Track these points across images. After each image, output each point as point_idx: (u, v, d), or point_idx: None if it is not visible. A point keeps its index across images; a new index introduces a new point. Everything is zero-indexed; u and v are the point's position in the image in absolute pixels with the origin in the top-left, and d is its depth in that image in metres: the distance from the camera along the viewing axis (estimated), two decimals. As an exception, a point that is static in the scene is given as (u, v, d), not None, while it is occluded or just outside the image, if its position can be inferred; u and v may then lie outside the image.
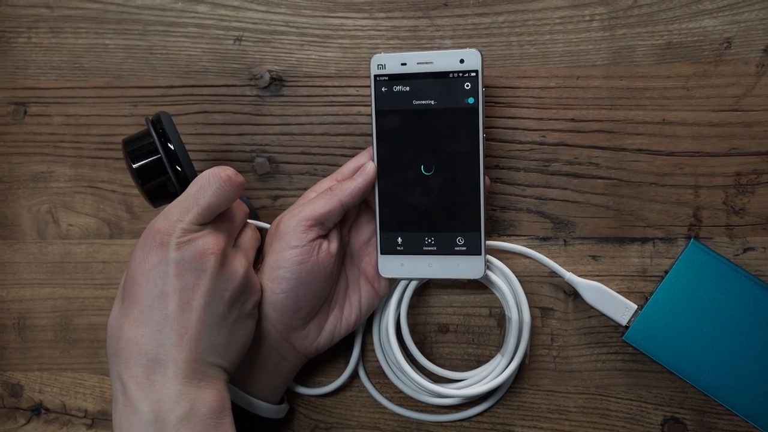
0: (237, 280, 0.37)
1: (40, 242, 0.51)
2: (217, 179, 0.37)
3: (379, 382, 0.49)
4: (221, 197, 0.37)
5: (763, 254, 0.45)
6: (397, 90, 0.42)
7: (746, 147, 0.45)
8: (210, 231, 0.37)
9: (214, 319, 0.36)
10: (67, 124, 0.50)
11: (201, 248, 0.35)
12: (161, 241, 0.35)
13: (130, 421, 0.33)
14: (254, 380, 0.42)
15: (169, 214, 0.36)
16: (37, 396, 0.51)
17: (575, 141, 0.46)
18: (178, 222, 0.36)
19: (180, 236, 0.35)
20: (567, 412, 0.47)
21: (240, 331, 0.38)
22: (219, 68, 0.48)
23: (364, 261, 0.45)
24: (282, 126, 0.48)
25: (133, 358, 0.34)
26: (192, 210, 0.36)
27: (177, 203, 0.37)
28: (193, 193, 0.37)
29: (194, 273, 0.35)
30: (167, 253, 0.35)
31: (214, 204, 0.37)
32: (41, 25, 0.50)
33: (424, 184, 0.42)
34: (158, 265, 0.35)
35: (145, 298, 0.35)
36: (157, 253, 0.35)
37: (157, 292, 0.35)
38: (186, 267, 0.35)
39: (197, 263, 0.35)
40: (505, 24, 0.46)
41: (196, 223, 0.36)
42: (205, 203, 0.36)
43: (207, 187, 0.37)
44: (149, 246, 0.35)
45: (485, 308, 0.48)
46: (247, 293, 0.38)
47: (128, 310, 0.35)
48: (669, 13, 0.45)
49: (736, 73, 0.45)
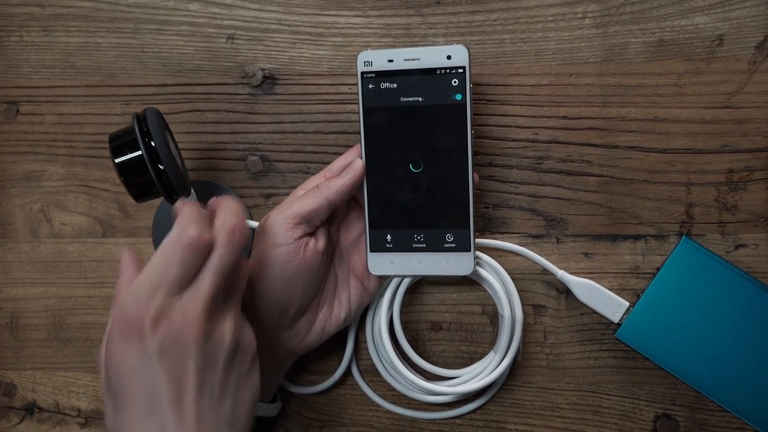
0: (226, 343, 0.33)
1: (33, 241, 0.51)
2: (179, 246, 0.32)
3: (372, 380, 0.49)
4: (188, 265, 0.33)
5: (754, 251, 0.45)
6: (384, 87, 0.42)
7: (738, 144, 0.45)
8: (187, 296, 0.33)
9: (214, 394, 0.33)
10: (59, 122, 0.50)
11: (179, 323, 0.32)
12: (137, 331, 0.32)
13: None
14: None
15: (137, 294, 0.32)
16: (30, 395, 0.51)
17: (568, 138, 0.46)
18: (149, 302, 0.32)
19: (154, 317, 0.32)
20: (559, 409, 0.47)
21: (245, 390, 0.35)
22: (211, 66, 0.48)
23: (354, 258, 0.45)
24: (275, 124, 0.48)
25: None
26: (161, 286, 0.32)
27: (144, 279, 0.32)
28: (159, 265, 0.33)
29: (179, 355, 0.32)
30: (144, 343, 0.31)
31: (183, 274, 0.33)
32: (33, 24, 0.50)
33: (413, 182, 0.42)
34: (141, 362, 0.32)
35: (136, 400, 0.32)
36: (136, 346, 0.32)
37: (148, 391, 0.32)
38: (169, 352, 0.32)
39: (180, 341, 0.32)
40: (498, 21, 0.46)
41: (170, 296, 0.32)
42: (174, 275, 0.32)
43: (172, 256, 0.32)
44: (125, 340, 0.32)
45: (478, 306, 0.48)
46: (242, 350, 0.35)
47: (123, 414, 0.32)
48: (661, 11, 0.45)
49: (728, 70, 0.45)
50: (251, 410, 0.35)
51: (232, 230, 0.34)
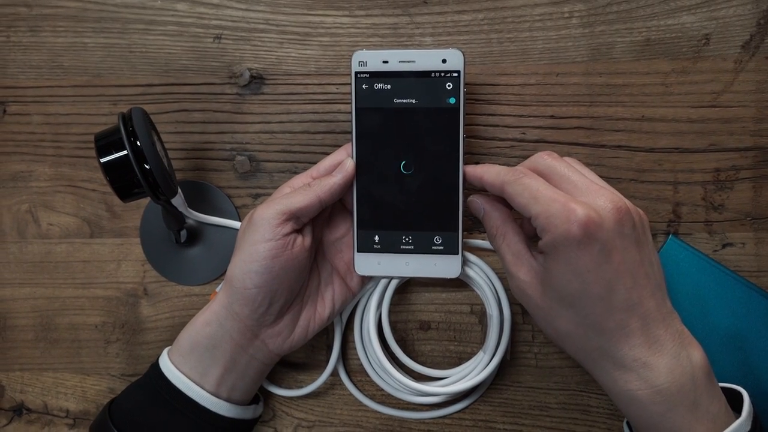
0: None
1: (20, 242, 0.50)
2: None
3: (361, 380, 0.49)
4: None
5: (741, 250, 0.45)
6: (378, 88, 0.42)
7: (725, 143, 0.45)
8: None
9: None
10: (46, 123, 0.50)
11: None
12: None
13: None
14: (222, 381, 0.41)
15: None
16: (18, 396, 0.51)
17: (555, 138, 0.46)
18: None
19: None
20: (548, 408, 0.47)
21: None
22: (199, 66, 0.48)
23: (337, 258, 0.45)
24: (262, 124, 0.48)
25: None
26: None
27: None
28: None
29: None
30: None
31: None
32: (20, 24, 0.49)
33: (403, 183, 0.42)
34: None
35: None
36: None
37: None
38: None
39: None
40: (485, 21, 0.46)
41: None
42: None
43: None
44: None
45: (466, 305, 0.48)
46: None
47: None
48: (647, 10, 0.45)
49: (714, 69, 0.45)
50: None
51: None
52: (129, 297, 0.50)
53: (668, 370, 0.34)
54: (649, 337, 0.35)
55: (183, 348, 0.42)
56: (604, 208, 0.35)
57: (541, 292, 0.37)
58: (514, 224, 0.40)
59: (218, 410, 0.41)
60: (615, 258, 0.34)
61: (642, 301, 0.35)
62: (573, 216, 0.34)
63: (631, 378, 0.35)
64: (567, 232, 0.34)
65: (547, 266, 0.36)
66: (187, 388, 0.41)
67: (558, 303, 0.36)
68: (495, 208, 0.41)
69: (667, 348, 0.35)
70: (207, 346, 0.41)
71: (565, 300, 0.36)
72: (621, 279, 0.35)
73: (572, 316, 0.36)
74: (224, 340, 0.41)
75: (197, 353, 0.41)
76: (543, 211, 0.35)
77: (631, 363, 0.35)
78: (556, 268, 0.36)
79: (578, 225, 0.34)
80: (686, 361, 0.35)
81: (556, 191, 0.36)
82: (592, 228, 0.34)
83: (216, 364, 0.41)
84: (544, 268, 0.37)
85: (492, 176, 0.39)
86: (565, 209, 0.34)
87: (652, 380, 0.34)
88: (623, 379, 0.35)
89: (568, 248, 0.34)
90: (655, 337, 0.35)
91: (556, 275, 0.36)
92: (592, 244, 0.34)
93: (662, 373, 0.34)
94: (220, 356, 0.41)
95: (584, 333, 0.36)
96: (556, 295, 0.36)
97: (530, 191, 0.36)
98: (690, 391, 0.34)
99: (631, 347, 0.35)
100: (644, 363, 0.34)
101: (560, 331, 0.37)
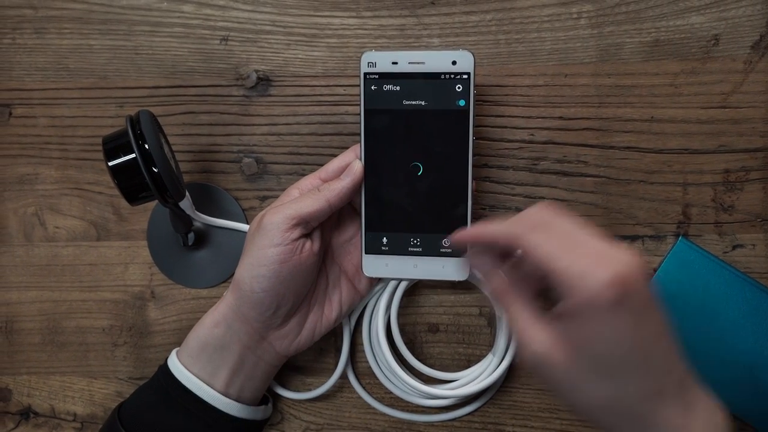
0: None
1: (27, 245, 0.50)
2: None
3: (369, 383, 0.48)
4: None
5: (752, 251, 0.45)
6: (387, 89, 0.42)
7: (734, 144, 0.45)
8: None
9: None
10: (52, 125, 0.50)
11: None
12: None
13: None
14: (231, 382, 0.41)
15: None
16: (25, 400, 0.51)
17: (564, 139, 0.46)
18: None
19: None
20: (558, 410, 0.47)
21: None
22: (205, 68, 0.48)
23: (345, 260, 0.45)
24: (269, 126, 0.48)
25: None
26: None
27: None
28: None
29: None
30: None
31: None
32: (25, 26, 0.49)
33: (412, 185, 0.42)
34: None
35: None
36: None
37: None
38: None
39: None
40: (493, 22, 0.46)
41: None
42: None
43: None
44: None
45: (475, 307, 0.47)
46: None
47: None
48: (656, 10, 0.45)
49: (723, 70, 0.45)
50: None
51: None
52: (136, 300, 0.50)
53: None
54: (684, 401, 0.32)
55: (192, 349, 0.42)
56: (632, 262, 0.30)
57: (567, 363, 0.32)
58: (530, 284, 0.35)
59: (229, 410, 0.41)
60: (651, 317, 0.31)
61: (676, 362, 0.32)
62: (605, 275, 0.30)
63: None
64: (599, 294, 0.30)
65: (573, 334, 0.32)
66: (198, 389, 0.41)
67: (593, 373, 0.32)
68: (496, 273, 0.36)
69: (700, 412, 0.32)
70: (216, 347, 0.41)
71: (601, 368, 0.32)
72: (658, 340, 0.32)
73: (610, 385, 0.32)
74: (233, 341, 0.41)
75: (207, 354, 0.41)
76: (568, 269, 0.31)
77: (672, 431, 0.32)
78: (586, 335, 0.31)
79: (611, 285, 0.29)
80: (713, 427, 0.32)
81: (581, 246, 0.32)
82: (630, 285, 0.30)
83: (225, 365, 0.41)
84: (569, 335, 0.32)
85: (498, 230, 0.35)
86: (598, 265, 0.30)
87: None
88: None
89: (600, 312, 0.30)
90: (690, 401, 0.32)
91: (587, 343, 0.31)
92: (627, 305, 0.30)
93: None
94: (228, 357, 0.41)
95: (622, 402, 0.32)
96: (590, 365, 0.32)
97: (550, 245, 0.32)
98: None
99: (672, 414, 0.32)
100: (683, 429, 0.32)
101: (594, 401, 0.33)
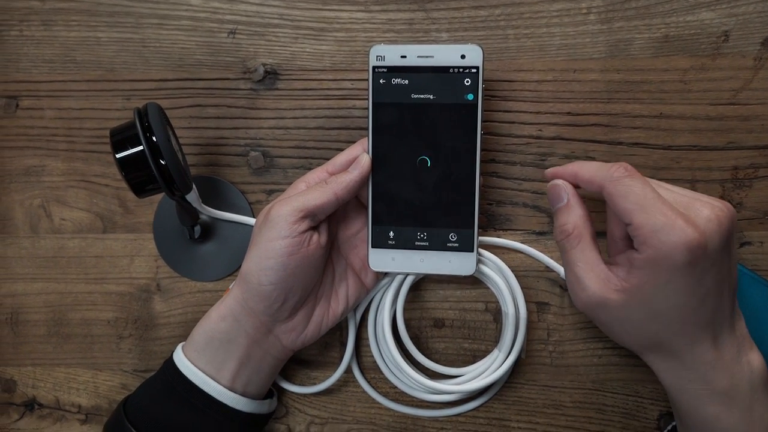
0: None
1: (33, 237, 0.50)
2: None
3: (374, 378, 0.48)
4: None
5: (760, 249, 0.45)
6: (396, 83, 0.42)
7: (743, 141, 0.45)
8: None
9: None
10: (59, 117, 0.50)
11: None
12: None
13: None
14: (237, 376, 0.41)
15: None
16: (30, 391, 0.51)
17: (572, 135, 0.46)
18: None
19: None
20: (563, 407, 0.47)
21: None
22: (213, 61, 0.48)
23: (351, 253, 0.45)
24: (276, 120, 0.48)
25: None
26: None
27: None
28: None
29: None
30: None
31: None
32: (33, 18, 0.49)
33: (419, 179, 0.42)
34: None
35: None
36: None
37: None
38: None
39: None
40: (502, 17, 0.46)
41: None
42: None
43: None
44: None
45: (481, 303, 0.47)
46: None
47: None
48: (666, 6, 0.45)
49: (733, 66, 0.44)
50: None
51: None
52: (142, 292, 0.50)
53: (730, 373, 0.35)
54: (717, 341, 0.35)
55: (198, 343, 0.41)
56: (709, 222, 0.33)
57: (622, 306, 0.35)
58: (593, 228, 0.38)
59: (234, 405, 0.41)
60: (711, 275, 0.34)
61: (724, 312, 0.35)
62: (683, 236, 0.32)
63: (694, 377, 0.35)
64: (673, 252, 0.32)
65: (637, 281, 0.34)
66: (203, 383, 0.40)
67: (644, 315, 0.35)
68: (579, 204, 0.38)
69: (730, 351, 0.35)
70: (222, 341, 0.41)
71: (652, 313, 0.34)
72: (711, 295, 0.34)
73: (653, 326, 0.35)
74: (239, 335, 0.41)
75: (212, 348, 0.41)
76: (648, 223, 0.33)
77: (699, 365, 0.35)
78: (650, 284, 0.34)
79: (686, 246, 0.32)
80: (746, 366, 0.35)
81: (665, 202, 0.33)
82: (700, 250, 0.32)
83: (231, 359, 0.41)
84: (632, 281, 0.34)
85: (591, 171, 0.37)
86: (674, 226, 0.32)
87: (715, 382, 0.35)
88: (687, 378, 0.35)
89: (671, 267, 0.33)
90: (723, 342, 0.35)
91: (649, 291, 0.34)
92: (697, 266, 0.33)
93: (724, 376, 0.35)
94: (235, 351, 0.41)
95: (659, 339, 0.35)
96: (643, 308, 0.34)
97: (637, 196, 0.34)
98: (747, 395, 0.34)
99: (702, 352, 0.35)
100: (711, 366, 0.35)
101: (633, 337, 0.36)
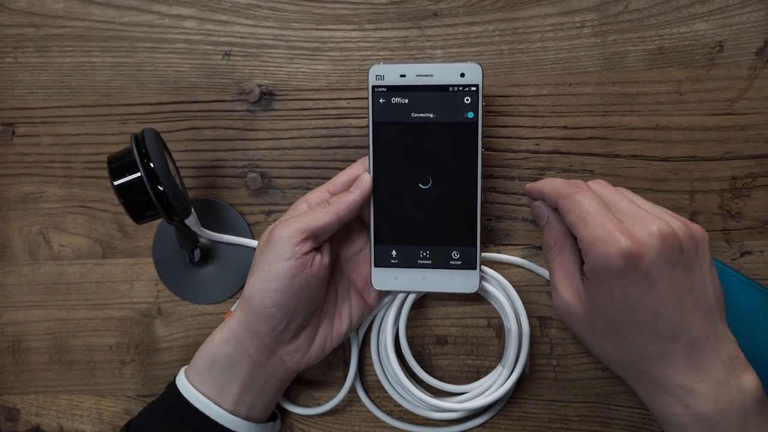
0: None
1: (32, 264, 0.50)
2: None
3: (378, 397, 0.48)
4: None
5: (760, 258, 0.45)
6: (396, 102, 0.42)
7: (741, 150, 0.45)
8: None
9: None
10: (56, 143, 0.49)
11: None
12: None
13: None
14: (241, 399, 0.41)
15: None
16: (34, 419, 0.51)
17: (569, 148, 0.46)
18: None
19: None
20: (568, 421, 0.47)
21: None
22: (208, 84, 0.48)
23: (354, 272, 0.44)
24: (273, 140, 0.48)
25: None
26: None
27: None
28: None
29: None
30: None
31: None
32: (27, 45, 0.49)
33: (421, 198, 0.42)
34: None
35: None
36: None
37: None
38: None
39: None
40: (496, 32, 0.46)
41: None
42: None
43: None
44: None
45: (483, 319, 0.47)
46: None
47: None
48: (660, 18, 0.45)
49: (728, 76, 0.45)
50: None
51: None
52: (143, 317, 0.49)
53: (714, 396, 0.34)
54: (695, 363, 0.34)
55: (201, 367, 0.41)
56: (651, 236, 0.34)
57: (585, 316, 0.37)
58: (573, 242, 0.39)
59: (237, 429, 0.41)
60: (660, 287, 0.34)
61: (689, 327, 0.35)
62: (615, 246, 0.34)
63: (674, 403, 0.35)
64: (608, 261, 0.34)
65: (591, 292, 0.37)
66: (206, 408, 0.40)
67: (603, 328, 0.36)
68: (558, 220, 0.40)
69: (714, 374, 0.34)
70: (225, 364, 0.41)
71: (611, 326, 0.36)
72: (666, 307, 0.34)
73: (617, 341, 0.36)
74: (242, 358, 0.41)
75: (215, 372, 0.41)
76: (588, 235, 0.35)
77: (676, 389, 0.35)
78: (599, 294, 0.36)
79: (620, 255, 0.34)
80: (735, 389, 0.34)
81: (606, 215, 0.36)
82: (634, 259, 0.34)
83: (234, 382, 0.41)
84: (588, 293, 0.37)
85: (549, 188, 0.39)
86: (609, 237, 0.34)
87: (696, 407, 0.34)
88: (667, 403, 0.35)
89: (610, 277, 0.34)
90: (702, 364, 0.34)
91: (600, 302, 0.36)
92: (635, 274, 0.34)
93: (707, 400, 0.34)
94: (238, 374, 0.41)
95: (629, 357, 0.36)
96: (601, 321, 0.36)
97: (581, 210, 0.36)
98: (738, 418, 0.34)
99: (676, 373, 0.35)
100: (688, 389, 0.34)
101: (605, 353, 0.38)
